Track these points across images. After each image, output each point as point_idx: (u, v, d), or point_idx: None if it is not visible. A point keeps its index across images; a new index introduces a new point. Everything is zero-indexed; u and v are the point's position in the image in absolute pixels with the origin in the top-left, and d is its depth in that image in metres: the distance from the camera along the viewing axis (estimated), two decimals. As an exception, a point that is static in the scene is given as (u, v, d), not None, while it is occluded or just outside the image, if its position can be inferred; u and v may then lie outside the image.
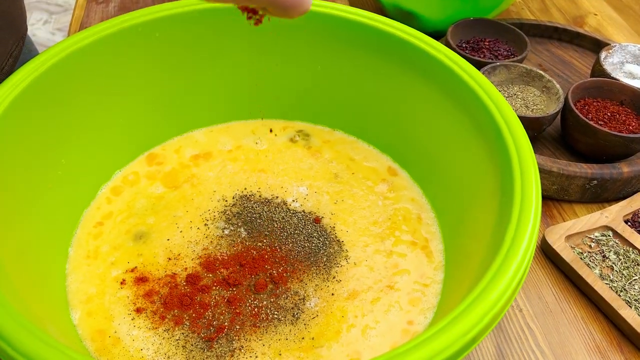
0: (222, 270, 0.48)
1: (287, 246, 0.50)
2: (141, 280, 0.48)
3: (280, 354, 0.43)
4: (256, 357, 0.43)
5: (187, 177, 0.57)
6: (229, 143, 0.60)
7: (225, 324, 0.45)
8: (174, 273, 0.49)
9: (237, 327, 0.45)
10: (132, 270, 0.49)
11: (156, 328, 0.45)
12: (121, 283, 0.48)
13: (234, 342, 0.44)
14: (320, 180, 0.57)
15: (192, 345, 0.44)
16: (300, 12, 0.33)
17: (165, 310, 0.46)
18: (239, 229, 0.52)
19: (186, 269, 0.49)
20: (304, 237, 0.51)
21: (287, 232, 0.51)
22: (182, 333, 0.44)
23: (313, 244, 0.51)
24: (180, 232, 0.52)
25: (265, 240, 0.50)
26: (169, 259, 0.50)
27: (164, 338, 0.44)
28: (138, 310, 0.46)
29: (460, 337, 0.32)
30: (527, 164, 0.41)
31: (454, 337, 0.32)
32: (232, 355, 0.43)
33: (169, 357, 0.43)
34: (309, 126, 0.62)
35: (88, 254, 0.50)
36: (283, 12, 0.32)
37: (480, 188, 0.46)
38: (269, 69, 0.59)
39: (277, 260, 0.49)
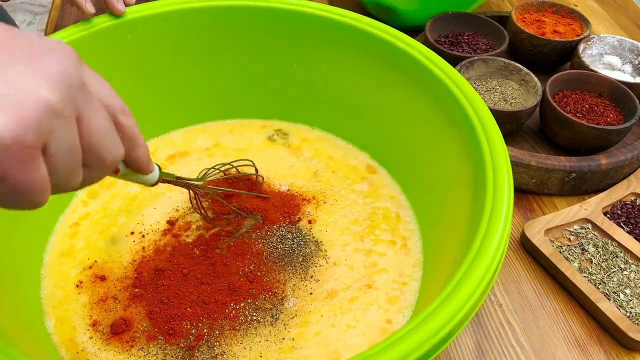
0: (193, 269, 0.48)
1: (257, 247, 0.50)
2: (100, 279, 0.48)
3: (261, 356, 0.43)
4: None
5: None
6: (207, 142, 0.60)
7: (205, 330, 0.44)
8: (138, 275, 0.48)
9: (217, 332, 0.44)
10: (90, 267, 0.48)
11: (128, 350, 0.43)
12: (77, 286, 0.47)
13: (215, 348, 0.43)
14: (301, 180, 0.57)
15: (172, 357, 0.43)
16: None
17: (130, 324, 0.45)
18: (203, 229, 0.51)
19: (155, 270, 0.48)
20: (276, 239, 0.51)
21: (257, 234, 0.51)
22: (160, 347, 0.43)
23: (287, 245, 0.50)
24: (150, 231, 0.51)
25: (239, 241, 0.50)
26: (134, 260, 0.49)
27: (139, 357, 0.43)
28: (94, 325, 0.45)
29: (435, 333, 0.32)
30: (499, 158, 0.40)
31: (429, 334, 0.32)
32: None
33: None
34: (287, 125, 0.62)
35: (62, 252, 0.49)
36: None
37: (456, 183, 0.46)
38: (246, 68, 0.59)
39: (248, 258, 0.49)
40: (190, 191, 0.49)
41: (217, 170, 0.53)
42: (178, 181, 0.45)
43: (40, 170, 0.26)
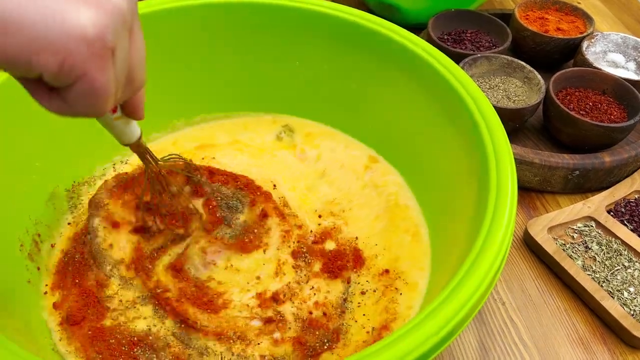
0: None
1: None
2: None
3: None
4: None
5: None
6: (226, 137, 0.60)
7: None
8: None
9: None
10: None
11: None
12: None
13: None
14: (309, 181, 0.56)
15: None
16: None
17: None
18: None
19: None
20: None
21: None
22: None
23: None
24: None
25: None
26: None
27: None
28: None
29: (437, 331, 0.32)
30: (502, 156, 0.40)
31: (431, 331, 0.32)
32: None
33: None
34: (294, 120, 0.61)
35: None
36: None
37: (459, 181, 0.46)
38: (249, 65, 0.59)
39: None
40: (149, 170, 0.45)
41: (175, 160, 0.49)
42: (147, 150, 0.42)
43: (112, 71, 0.26)
